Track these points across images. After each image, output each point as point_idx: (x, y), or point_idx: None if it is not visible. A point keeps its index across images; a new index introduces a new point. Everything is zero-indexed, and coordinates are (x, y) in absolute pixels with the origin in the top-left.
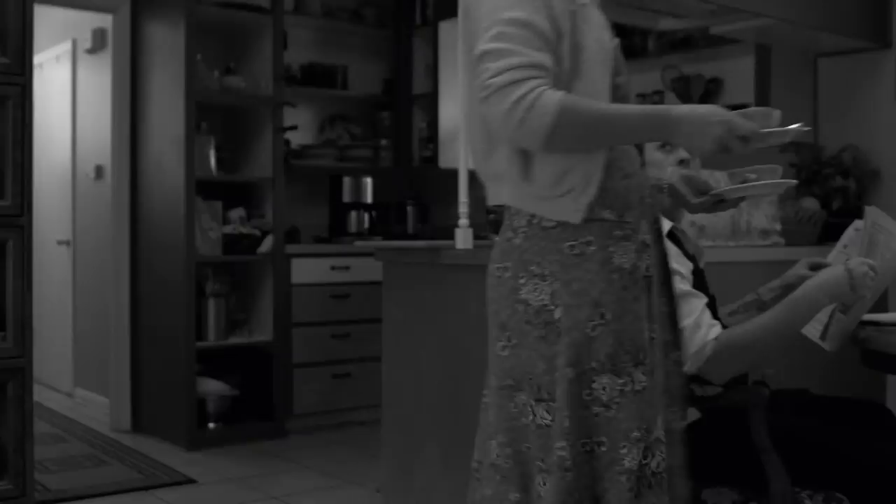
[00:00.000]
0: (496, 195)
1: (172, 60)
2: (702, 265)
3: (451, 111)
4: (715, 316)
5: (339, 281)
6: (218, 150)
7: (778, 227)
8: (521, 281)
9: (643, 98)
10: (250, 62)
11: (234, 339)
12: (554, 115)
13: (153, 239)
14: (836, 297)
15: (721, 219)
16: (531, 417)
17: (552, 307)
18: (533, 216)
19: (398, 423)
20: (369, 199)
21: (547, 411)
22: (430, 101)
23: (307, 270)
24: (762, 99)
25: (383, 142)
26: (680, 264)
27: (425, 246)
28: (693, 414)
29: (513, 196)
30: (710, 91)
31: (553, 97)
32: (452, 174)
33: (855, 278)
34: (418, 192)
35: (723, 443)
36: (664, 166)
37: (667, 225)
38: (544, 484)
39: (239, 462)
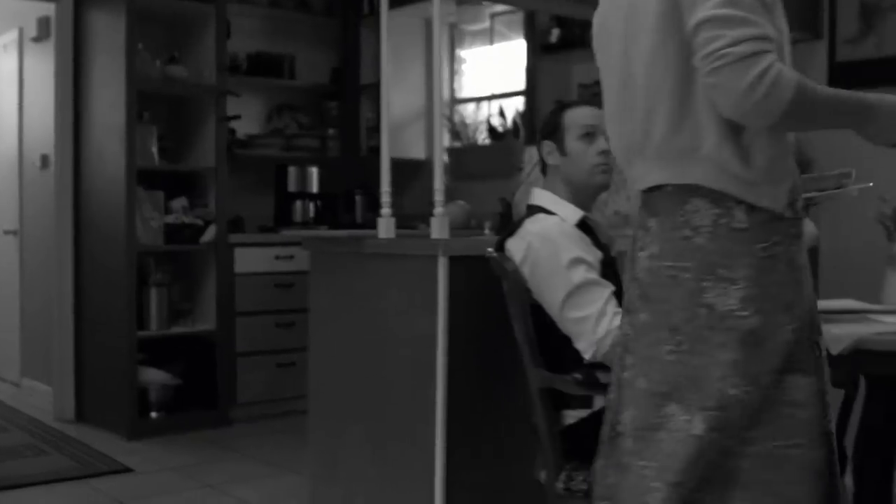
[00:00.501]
0: (679, 174)
1: (114, 49)
2: (613, 254)
3: (399, 101)
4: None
5: (284, 270)
6: (161, 139)
7: None
8: (706, 284)
9: (585, 88)
10: (194, 51)
11: (177, 329)
12: (793, 93)
13: (95, 228)
14: None
15: None
16: (667, 434)
17: (743, 313)
18: (722, 216)
19: (324, 410)
20: (315, 188)
21: (703, 421)
22: (378, 91)
23: (251, 260)
24: None
25: (331, 131)
26: (588, 253)
27: (348, 235)
28: (602, 401)
29: (716, 178)
30: None
31: (792, 75)
32: (400, 164)
33: None
34: (367, 181)
35: None
36: (586, 157)
37: (577, 214)
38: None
39: (180, 451)
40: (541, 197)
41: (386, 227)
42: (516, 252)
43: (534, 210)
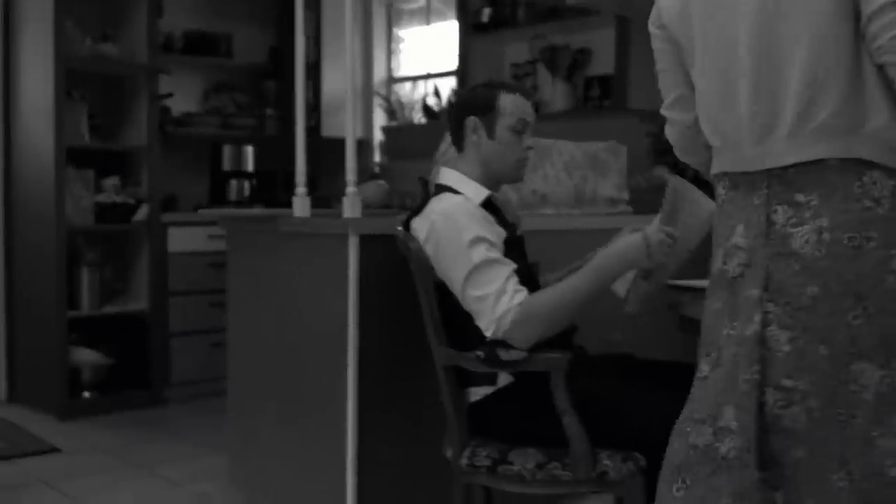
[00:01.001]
0: (845, 149)
1: (42, 26)
2: (520, 233)
3: (336, 79)
4: (531, 282)
5: (218, 249)
6: (92, 117)
7: (626, 195)
8: (892, 253)
9: (517, 67)
10: (127, 29)
11: (110, 309)
12: None
13: (25, 208)
14: (633, 264)
15: (565, 187)
16: (876, 381)
17: None
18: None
19: (242, 389)
20: (251, 167)
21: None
22: (315, 71)
23: (184, 239)
24: (621, 70)
25: (269, 111)
26: (490, 232)
27: (262, 214)
28: (506, 378)
29: (884, 154)
30: (578, 61)
31: None
32: (337, 143)
33: (651, 245)
34: (310, 160)
35: (530, 405)
36: (514, 149)
37: (483, 193)
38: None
39: (111, 431)
40: (447, 176)
41: (300, 206)
42: (420, 231)
43: (440, 189)
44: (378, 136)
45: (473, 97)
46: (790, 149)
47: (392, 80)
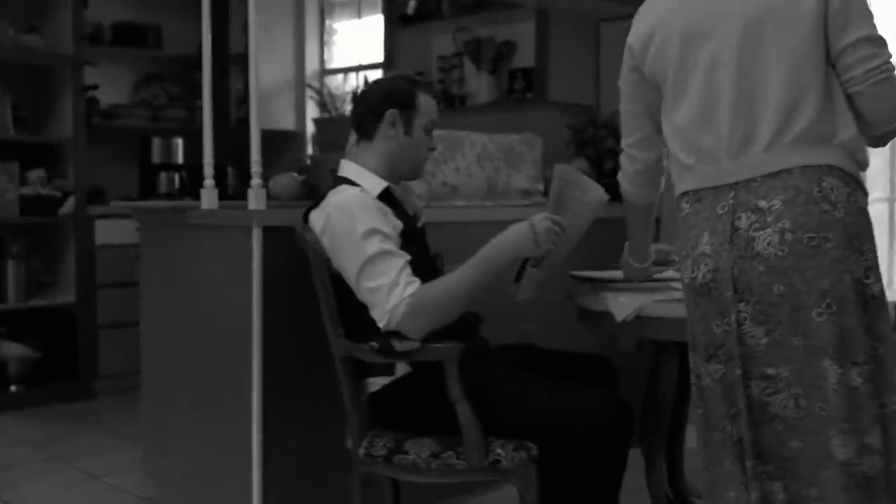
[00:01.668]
0: (815, 157)
1: None
2: (420, 224)
3: (267, 71)
4: (433, 273)
5: None
6: (15, 109)
7: (540, 187)
8: (846, 253)
9: (444, 59)
10: (52, 20)
11: (37, 301)
12: None
13: None
14: (521, 252)
15: (476, 179)
16: (834, 381)
17: (868, 281)
18: (851, 194)
19: (155, 381)
20: (181, 159)
21: (859, 374)
22: (245, 62)
23: (112, 232)
24: (542, 63)
25: (200, 102)
26: (385, 224)
27: (172, 206)
28: (404, 368)
29: (848, 162)
30: (502, 54)
31: None
32: (269, 135)
33: (538, 233)
34: (237, 152)
35: (426, 395)
36: (424, 148)
37: (381, 185)
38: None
39: (36, 425)
40: (346, 168)
41: (208, 198)
42: (317, 223)
43: (340, 181)
44: (310, 127)
45: (396, 90)
46: (766, 160)
47: (325, 72)
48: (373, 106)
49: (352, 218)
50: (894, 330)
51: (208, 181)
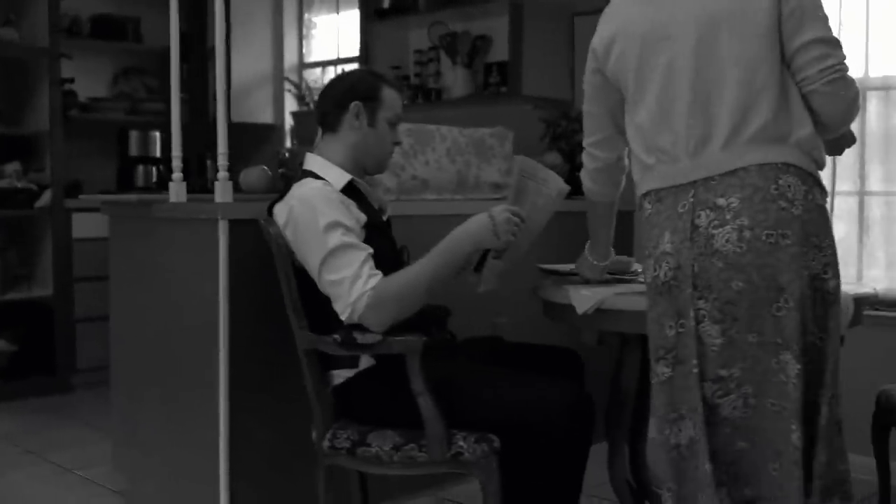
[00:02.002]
0: (773, 155)
1: None
2: (385, 217)
3: (246, 65)
4: (398, 266)
5: None
6: None
7: (511, 180)
8: (806, 249)
9: (420, 53)
10: (29, 13)
11: (14, 295)
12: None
13: None
14: (481, 243)
15: (447, 172)
16: (794, 375)
17: (825, 276)
18: (808, 191)
19: (125, 375)
20: (158, 153)
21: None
22: (227, 55)
23: (89, 225)
24: (515, 57)
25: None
26: (347, 217)
27: (139, 200)
28: (368, 360)
29: (804, 161)
30: (477, 48)
31: None
32: (248, 128)
33: (497, 224)
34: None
35: (390, 387)
36: (387, 141)
37: (345, 178)
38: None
39: (12, 418)
40: (312, 161)
41: (176, 191)
42: (280, 216)
43: (304, 174)
44: (289, 121)
45: (361, 83)
46: (723, 159)
47: (303, 66)
48: (337, 98)
49: (314, 211)
50: (848, 327)
51: (176, 174)
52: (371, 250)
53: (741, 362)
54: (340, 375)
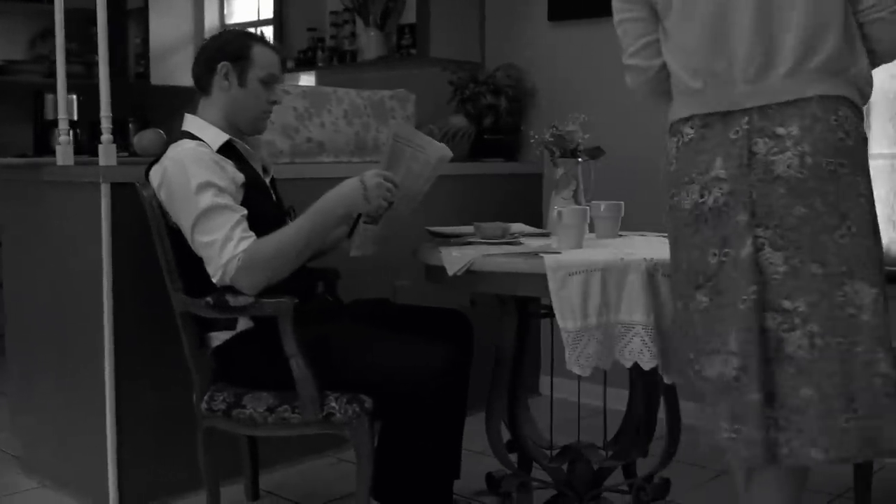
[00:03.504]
0: (833, 87)
1: None
2: (267, 180)
3: (166, 25)
4: (276, 227)
5: None
6: None
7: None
8: (859, 178)
9: (336, 15)
10: None
11: None
12: None
13: None
14: (352, 207)
15: (344, 135)
16: (870, 300)
17: (869, 206)
18: (858, 125)
19: (19, 339)
20: (76, 115)
21: (881, 294)
22: (143, 16)
23: None
24: (423, 19)
25: (97, 57)
26: (221, 178)
27: (25, 163)
28: (245, 322)
29: (856, 95)
30: (390, 9)
31: None
32: (166, 90)
33: (368, 189)
34: (138, 107)
35: (266, 350)
36: (260, 100)
37: (222, 138)
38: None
39: None
40: (190, 122)
41: (64, 154)
42: (154, 178)
43: (182, 135)
44: None
45: (229, 44)
46: (786, 87)
47: (224, 28)
48: (207, 60)
49: (185, 172)
50: None
51: (63, 137)
52: (244, 212)
53: (806, 295)
54: (218, 338)
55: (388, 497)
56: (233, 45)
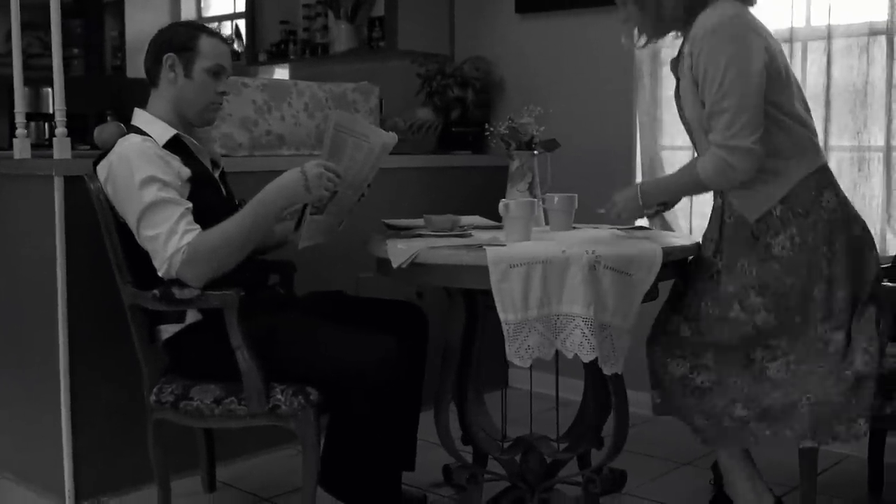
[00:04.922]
0: None
1: None
2: (217, 174)
3: (142, 19)
4: (223, 220)
5: None
6: None
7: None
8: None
9: (309, 8)
10: None
11: None
12: None
13: None
14: (293, 198)
15: (304, 128)
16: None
17: None
18: None
19: None
20: (51, 108)
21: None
22: (120, 9)
23: None
24: (391, 11)
25: (75, 50)
26: (166, 172)
27: None
28: (194, 315)
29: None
30: (361, 2)
31: None
32: (143, 83)
33: (309, 179)
34: (116, 101)
35: (214, 342)
36: (207, 91)
37: (169, 133)
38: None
39: None
40: (138, 117)
41: (21, 147)
42: (101, 173)
43: (131, 130)
44: None
45: (176, 35)
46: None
47: (200, 21)
48: (154, 53)
49: (130, 167)
50: None
51: (20, 130)
52: (189, 205)
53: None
54: (168, 330)
55: (335, 487)
56: (179, 36)
